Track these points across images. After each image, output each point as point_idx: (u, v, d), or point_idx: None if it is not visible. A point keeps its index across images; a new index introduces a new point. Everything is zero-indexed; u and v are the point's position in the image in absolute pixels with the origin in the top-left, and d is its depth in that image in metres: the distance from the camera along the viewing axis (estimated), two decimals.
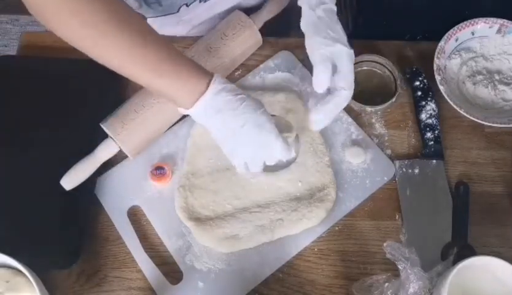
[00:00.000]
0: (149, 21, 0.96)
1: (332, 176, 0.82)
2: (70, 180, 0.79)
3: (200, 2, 0.94)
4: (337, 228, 0.80)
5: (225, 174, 0.82)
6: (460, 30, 0.93)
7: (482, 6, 0.95)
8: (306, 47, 0.77)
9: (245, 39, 0.91)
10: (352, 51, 0.75)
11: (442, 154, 0.85)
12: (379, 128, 0.88)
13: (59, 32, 0.65)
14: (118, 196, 0.82)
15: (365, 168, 0.84)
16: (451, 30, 0.92)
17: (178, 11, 0.94)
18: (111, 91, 0.89)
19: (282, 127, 0.78)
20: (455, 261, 0.73)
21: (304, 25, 0.78)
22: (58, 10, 0.63)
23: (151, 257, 0.77)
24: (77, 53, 0.93)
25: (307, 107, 0.77)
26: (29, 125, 0.85)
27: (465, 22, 0.93)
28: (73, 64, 0.91)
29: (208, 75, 0.70)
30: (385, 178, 0.83)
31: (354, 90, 0.90)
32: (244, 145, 0.72)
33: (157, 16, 0.95)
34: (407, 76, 0.91)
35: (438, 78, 0.88)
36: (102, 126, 0.81)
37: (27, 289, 0.69)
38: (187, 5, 0.93)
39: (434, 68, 0.89)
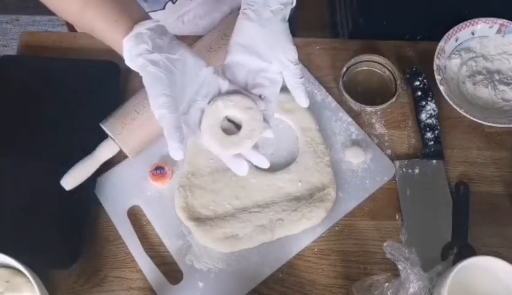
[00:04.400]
0: None
1: (332, 176, 0.82)
2: (70, 180, 0.79)
3: None
4: (337, 228, 0.80)
5: (225, 174, 0.82)
6: (460, 30, 0.93)
7: (482, 6, 0.95)
8: None
9: None
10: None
11: (442, 154, 0.85)
12: (379, 128, 0.88)
13: None
14: (118, 196, 0.82)
15: (365, 168, 0.84)
16: (451, 30, 0.92)
17: (164, 8, 0.93)
18: (111, 91, 0.89)
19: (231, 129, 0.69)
20: (455, 261, 0.73)
21: None
22: None
23: (151, 257, 0.77)
24: (77, 53, 0.94)
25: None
26: (29, 125, 0.85)
27: (465, 22, 0.93)
28: (73, 64, 0.92)
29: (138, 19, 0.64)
30: (385, 178, 0.83)
31: (354, 90, 0.90)
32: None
33: None
34: (407, 76, 0.91)
35: (438, 78, 0.88)
36: (102, 126, 0.81)
37: (27, 289, 0.69)
38: (173, 2, 0.92)
39: (434, 68, 0.89)
